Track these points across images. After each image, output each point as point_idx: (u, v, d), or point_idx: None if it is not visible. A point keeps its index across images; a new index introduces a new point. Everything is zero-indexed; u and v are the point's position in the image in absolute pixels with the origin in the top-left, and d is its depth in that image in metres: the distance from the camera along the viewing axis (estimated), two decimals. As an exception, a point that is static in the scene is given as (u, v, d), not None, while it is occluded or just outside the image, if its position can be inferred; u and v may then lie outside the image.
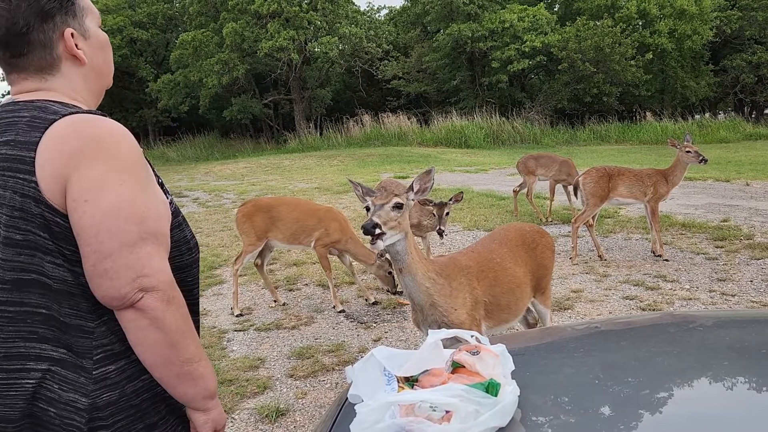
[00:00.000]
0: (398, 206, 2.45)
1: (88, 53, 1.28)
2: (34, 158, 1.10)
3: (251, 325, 4.94)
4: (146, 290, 1.11)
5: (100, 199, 1.10)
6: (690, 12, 22.79)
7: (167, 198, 1.29)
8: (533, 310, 3.44)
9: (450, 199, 4.38)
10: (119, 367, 1.16)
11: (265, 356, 4.30)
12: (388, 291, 5.23)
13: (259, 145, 26.92)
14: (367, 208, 2.50)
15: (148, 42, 28.97)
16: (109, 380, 1.15)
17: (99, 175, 1.10)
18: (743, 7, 24.46)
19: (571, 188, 7.54)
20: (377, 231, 2.36)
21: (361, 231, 2.42)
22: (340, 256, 5.38)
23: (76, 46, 1.25)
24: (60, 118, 1.13)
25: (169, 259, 1.24)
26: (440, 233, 4.56)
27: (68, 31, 1.23)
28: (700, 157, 5.98)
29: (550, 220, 8.28)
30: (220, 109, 27.13)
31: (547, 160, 8.39)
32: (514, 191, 8.70)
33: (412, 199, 2.57)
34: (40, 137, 1.11)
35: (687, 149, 6.03)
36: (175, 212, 1.31)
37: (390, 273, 5.15)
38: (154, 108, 29.00)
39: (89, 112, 1.20)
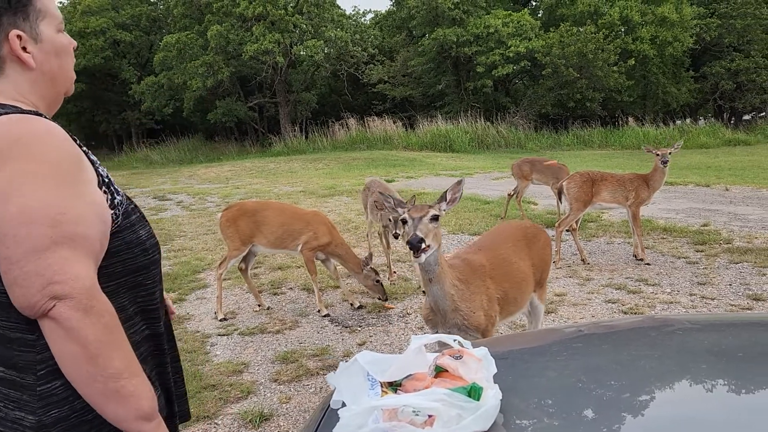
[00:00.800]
0: (435, 218, 2.50)
1: (38, 58, 1.23)
2: None
3: (235, 330, 4.90)
4: (58, 298, 1.03)
5: (7, 202, 1.04)
6: (671, 19, 23.17)
7: (116, 198, 1.23)
8: (530, 304, 3.51)
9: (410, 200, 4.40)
10: (66, 382, 1.09)
11: (248, 361, 4.27)
12: (378, 299, 5.21)
13: (243, 149, 26.79)
14: (404, 221, 2.54)
15: (132, 44, 28.75)
16: (55, 396, 1.10)
17: (9, 177, 1.05)
18: (722, 15, 24.95)
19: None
20: (422, 245, 2.39)
21: (407, 246, 2.45)
22: (324, 261, 5.35)
23: (24, 49, 1.20)
24: None
25: (120, 261, 1.20)
26: (396, 236, 5.04)
27: (14, 32, 1.18)
28: (663, 159, 6.10)
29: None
30: (205, 112, 26.95)
31: (542, 165, 8.43)
32: (508, 195, 8.73)
33: (445, 210, 2.61)
34: None
35: (657, 152, 6.16)
36: (127, 213, 1.25)
37: (378, 281, 5.13)
38: (137, 110, 28.76)
39: (24, 111, 1.15)
